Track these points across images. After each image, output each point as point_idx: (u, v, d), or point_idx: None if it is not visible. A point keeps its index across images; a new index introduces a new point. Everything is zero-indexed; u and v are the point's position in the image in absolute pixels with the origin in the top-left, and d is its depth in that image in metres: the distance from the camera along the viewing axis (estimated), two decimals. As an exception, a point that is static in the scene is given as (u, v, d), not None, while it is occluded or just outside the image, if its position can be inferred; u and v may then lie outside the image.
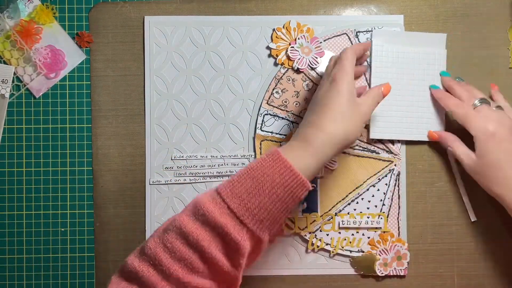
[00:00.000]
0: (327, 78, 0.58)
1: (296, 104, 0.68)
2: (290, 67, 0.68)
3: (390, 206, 0.68)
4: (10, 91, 0.68)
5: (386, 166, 0.68)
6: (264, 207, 0.51)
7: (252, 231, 0.51)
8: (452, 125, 0.67)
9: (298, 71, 0.68)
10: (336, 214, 0.67)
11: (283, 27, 0.68)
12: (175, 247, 0.50)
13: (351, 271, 0.67)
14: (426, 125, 0.67)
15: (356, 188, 0.68)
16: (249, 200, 0.51)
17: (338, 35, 0.68)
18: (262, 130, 0.68)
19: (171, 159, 0.67)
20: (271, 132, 0.68)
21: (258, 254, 0.54)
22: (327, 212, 0.67)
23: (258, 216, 0.51)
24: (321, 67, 0.68)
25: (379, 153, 0.68)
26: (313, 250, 0.67)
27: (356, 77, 0.66)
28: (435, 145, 0.68)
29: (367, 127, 0.67)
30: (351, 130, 0.55)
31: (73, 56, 0.68)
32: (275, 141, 0.68)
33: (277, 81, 0.68)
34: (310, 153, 0.53)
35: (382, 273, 0.66)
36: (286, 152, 0.53)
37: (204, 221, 0.50)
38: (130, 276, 0.51)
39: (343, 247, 0.67)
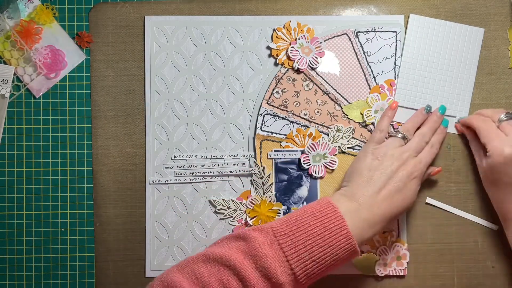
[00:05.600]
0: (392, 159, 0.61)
1: (296, 104, 0.68)
2: (290, 67, 0.68)
3: (390, 206, 0.68)
4: (10, 91, 0.68)
5: (386, 166, 0.68)
6: (320, 273, 0.55)
7: (303, 287, 0.55)
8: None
9: (298, 71, 0.68)
10: (336, 214, 0.67)
11: (284, 27, 0.68)
12: (231, 286, 0.52)
13: (350, 271, 0.67)
14: (451, 118, 0.68)
15: (356, 188, 0.68)
16: (311, 267, 0.54)
17: (338, 35, 0.68)
18: (262, 130, 0.68)
19: (171, 159, 0.67)
20: (271, 132, 0.68)
21: None
22: (327, 212, 0.67)
23: (313, 279, 0.55)
24: (321, 67, 0.68)
25: (379, 153, 0.68)
26: (313, 250, 0.67)
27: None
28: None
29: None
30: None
31: (73, 56, 0.68)
32: (275, 141, 0.68)
33: (277, 81, 0.68)
34: (370, 226, 0.58)
35: (382, 273, 0.66)
36: (352, 226, 0.56)
37: (265, 275, 0.53)
38: None
39: (343, 247, 0.67)
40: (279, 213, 0.67)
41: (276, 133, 0.68)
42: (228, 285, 0.52)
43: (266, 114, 0.68)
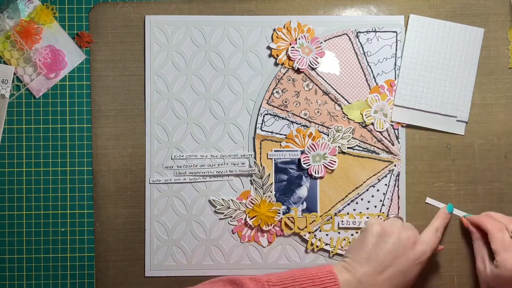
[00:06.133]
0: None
1: (296, 104, 0.68)
2: (291, 67, 0.68)
3: (390, 207, 0.68)
4: (10, 91, 0.68)
5: (386, 167, 0.68)
6: None
7: None
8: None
9: (298, 71, 0.68)
10: (335, 214, 0.67)
11: (284, 27, 0.68)
12: None
13: (351, 271, 0.67)
14: (451, 118, 0.67)
15: (356, 188, 0.68)
16: None
17: (338, 35, 0.68)
18: (262, 130, 0.68)
19: (171, 159, 0.67)
20: (271, 132, 0.68)
21: None
22: (327, 212, 0.67)
23: None
24: (321, 67, 0.68)
25: (378, 154, 0.68)
26: (312, 250, 0.67)
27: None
28: (435, 145, 0.68)
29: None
30: None
31: (73, 56, 0.68)
32: (275, 141, 0.68)
33: (277, 81, 0.68)
34: None
35: (382, 273, 0.66)
36: None
37: None
38: None
39: (342, 247, 0.67)
40: (279, 213, 0.67)
41: (276, 133, 0.68)
42: None
43: (266, 114, 0.68)
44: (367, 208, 0.67)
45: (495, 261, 0.60)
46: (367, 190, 0.68)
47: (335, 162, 0.67)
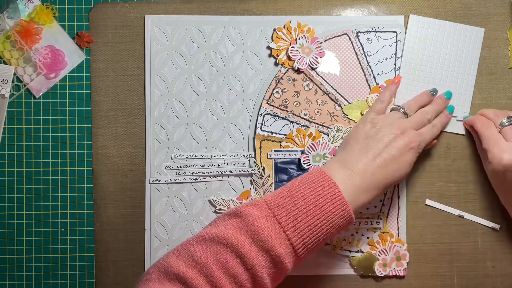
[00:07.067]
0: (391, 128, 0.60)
1: (296, 104, 0.68)
2: (291, 67, 0.68)
3: (390, 207, 0.68)
4: (10, 91, 0.68)
5: (386, 166, 0.68)
6: (317, 243, 0.55)
7: (301, 260, 0.55)
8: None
9: (298, 71, 0.68)
10: (336, 214, 0.67)
11: (284, 27, 0.68)
12: (229, 264, 0.51)
13: (350, 271, 0.67)
14: (451, 118, 0.68)
15: (356, 188, 0.68)
16: (308, 236, 0.54)
17: (338, 35, 0.68)
18: (262, 130, 0.68)
19: (171, 159, 0.67)
20: (271, 132, 0.68)
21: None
22: (327, 212, 0.67)
23: (311, 249, 0.55)
24: (322, 67, 0.68)
25: (379, 153, 0.68)
26: (313, 250, 0.67)
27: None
28: (435, 145, 0.68)
29: None
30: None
31: (73, 56, 0.68)
32: (275, 141, 0.68)
33: (277, 81, 0.68)
34: (363, 192, 0.57)
35: (382, 274, 0.66)
36: (346, 192, 0.56)
37: (263, 248, 0.52)
38: (173, 278, 0.51)
39: (342, 247, 0.67)
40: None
41: (276, 133, 0.68)
42: (226, 263, 0.51)
43: (266, 114, 0.68)
44: (367, 208, 0.67)
45: (488, 159, 0.61)
46: (367, 190, 0.68)
47: (335, 162, 0.67)
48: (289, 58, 0.68)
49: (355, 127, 0.64)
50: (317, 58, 0.68)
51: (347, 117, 0.68)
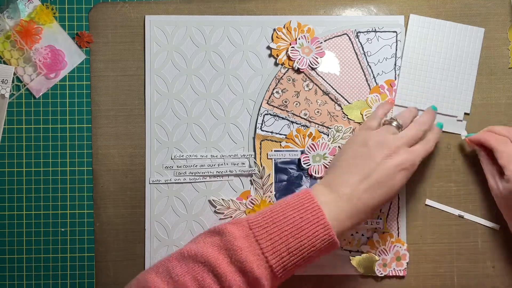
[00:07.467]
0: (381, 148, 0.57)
1: (296, 104, 0.68)
2: (291, 67, 0.68)
3: (390, 207, 0.68)
4: (10, 91, 0.68)
5: (386, 166, 0.68)
6: (297, 266, 0.53)
7: (281, 279, 0.54)
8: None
9: (298, 71, 0.68)
10: (336, 214, 0.67)
11: (284, 27, 0.68)
12: (206, 283, 0.51)
13: (350, 271, 0.67)
14: (451, 118, 0.67)
15: (356, 188, 0.68)
16: (288, 259, 0.53)
17: (338, 35, 0.68)
18: (262, 130, 0.68)
19: (171, 159, 0.67)
20: (271, 132, 0.68)
21: None
22: (327, 212, 0.67)
23: (291, 271, 0.54)
24: (322, 67, 0.68)
25: (379, 153, 0.68)
26: (313, 250, 0.67)
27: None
28: (435, 146, 0.68)
29: None
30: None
31: (73, 56, 0.68)
32: (275, 141, 0.68)
33: (277, 81, 0.68)
34: (349, 217, 0.55)
35: (381, 274, 0.66)
36: (330, 217, 0.54)
37: (240, 268, 0.51)
38: None
39: (342, 248, 0.67)
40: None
41: (276, 133, 0.68)
42: (203, 282, 0.50)
43: (266, 114, 0.68)
44: (367, 208, 0.67)
45: (505, 176, 0.58)
46: (367, 190, 0.68)
47: (335, 162, 0.67)
48: (289, 58, 0.68)
49: (345, 144, 0.61)
50: (317, 58, 0.68)
51: (347, 117, 0.68)
